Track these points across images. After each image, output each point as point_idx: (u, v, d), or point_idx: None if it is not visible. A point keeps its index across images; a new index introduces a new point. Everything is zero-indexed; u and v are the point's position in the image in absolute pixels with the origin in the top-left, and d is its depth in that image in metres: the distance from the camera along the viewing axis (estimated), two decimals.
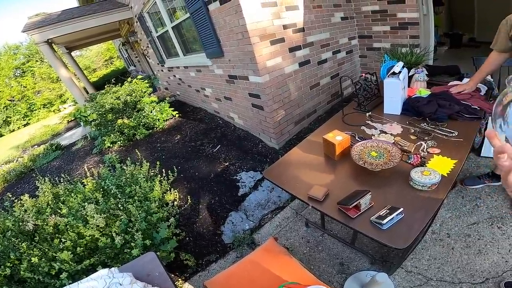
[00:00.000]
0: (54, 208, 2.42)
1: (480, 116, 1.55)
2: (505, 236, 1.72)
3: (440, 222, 1.92)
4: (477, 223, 1.84)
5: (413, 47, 2.48)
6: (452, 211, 1.98)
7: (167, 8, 4.35)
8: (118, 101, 4.69)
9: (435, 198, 1.10)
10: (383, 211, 1.05)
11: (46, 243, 1.96)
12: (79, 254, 1.89)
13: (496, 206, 1.92)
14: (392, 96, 1.75)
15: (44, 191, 2.68)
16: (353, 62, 3.86)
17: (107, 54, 21.09)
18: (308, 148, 1.69)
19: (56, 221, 2.11)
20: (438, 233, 1.86)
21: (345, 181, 1.34)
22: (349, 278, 1.73)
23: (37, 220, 2.16)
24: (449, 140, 1.42)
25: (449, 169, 1.22)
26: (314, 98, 3.44)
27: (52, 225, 2.10)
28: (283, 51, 2.89)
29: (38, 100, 16.80)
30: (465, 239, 1.77)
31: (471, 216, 1.90)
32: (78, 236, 2.00)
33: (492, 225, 1.81)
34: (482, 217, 1.88)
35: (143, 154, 4.16)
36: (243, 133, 3.79)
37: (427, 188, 1.14)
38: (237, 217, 2.50)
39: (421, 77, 1.95)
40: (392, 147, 1.39)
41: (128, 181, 2.81)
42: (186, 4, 3.32)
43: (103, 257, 1.92)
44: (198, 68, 4.18)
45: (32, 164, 5.75)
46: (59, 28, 5.57)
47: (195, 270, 2.14)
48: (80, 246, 1.91)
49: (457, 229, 1.85)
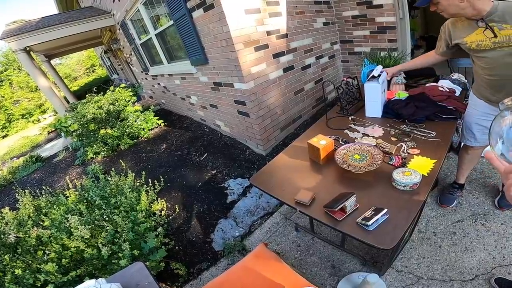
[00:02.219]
0: (36, 220, 2.37)
1: (456, 116, 1.63)
2: (490, 233, 1.77)
3: (425, 221, 1.97)
4: (461, 221, 1.90)
5: (391, 51, 2.58)
6: (437, 209, 2.04)
7: (150, 16, 4.34)
8: (101, 110, 4.60)
9: (417, 197, 1.15)
10: (368, 212, 1.08)
11: (30, 255, 1.92)
12: (65, 265, 1.86)
13: (478, 203, 1.99)
14: (372, 99, 1.81)
15: (25, 204, 2.62)
16: (336, 67, 3.95)
17: (89, 62, 20.68)
18: (293, 153, 1.71)
19: (39, 233, 2.06)
20: (424, 232, 1.90)
21: (330, 184, 1.37)
22: (342, 281, 1.74)
23: (19, 233, 2.11)
24: (427, 141, 1.49)
25: (429, 169, 1.27)
26: (299, 103, 3.50)
27: (35, 237, 2.05)
28: (267, 57, 2.93)
29: (17, 111, 16.25)
30: (451, 237, 1.82)
31: (455, 214, 1.96)
32: (63, 247, 1.96)
33: (475, 222, 1.86)
34: (466, 215, 1.94)
35: (128, 165, 4.10)
36: (230, 141, 3.80)
37: (408, 188, 1.18)
38: (226, 224, 2.49)
39: (399, 80, 2.03)
40: (374, 149, 1.44)
41: (113, 192, 2.76)
42: (169, 12, 3.32)
43: (90, 268, 1.89)
44: (183, 75, 4.17)
45: (11, 177, 5.60)
46: (38, 35, 5.43)
47: (187, 279, 2.12)
48: (65, 257, 1.87)
49: (443, 227, 1.90)
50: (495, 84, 1.39)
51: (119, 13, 5.48)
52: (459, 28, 1.42)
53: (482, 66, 1.39)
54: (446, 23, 1.51)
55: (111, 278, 1.42)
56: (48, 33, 5.51)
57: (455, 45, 1.48)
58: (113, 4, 5.64)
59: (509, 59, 1.24)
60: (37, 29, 5.42)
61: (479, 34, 1.29)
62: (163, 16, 4.02)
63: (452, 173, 2.28)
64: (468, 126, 1.69)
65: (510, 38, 1.18)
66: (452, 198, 2.02)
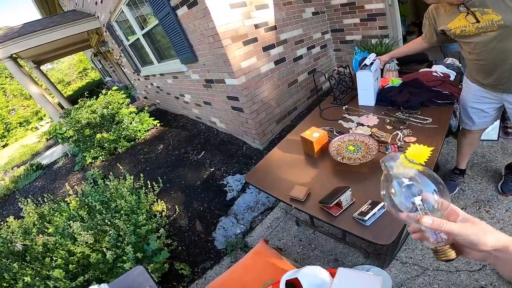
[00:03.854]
0: (40, 227, 2.40)
1: (452, 101, 1.60)
2: (495, 220, 1.71)
3: None
4: (465, 208, 1.83)
5: (383, 38, 2.54)
6: None
7: (135, 16, 4.26)
8: (94, 115, 4.57)
9: None
10: (365, 206, 1.06)
11: (38, 262, 1.95)
12: (72, 271, 1.88)
13: (481, 189, 1.93)
14: (365, 87, 1.78)
15: (29, 212, 2.66)
16: (328, 56, 3.90)
17: (80, 66, 20.44)
18: (287, 147, 1.69)
19: (45, 240, 2.09)
20: None
21: (325, 178, 1.35)
22: None
23: (25, 240, 2.15)
24: (424, 128, 1.46)
25: (426, 157, 1.24)
26: (293, 95, 3.46)
27: (41, 244, 2.08)
28: (257, 51, 2.88)
29: (13, 119, 16.16)
30: None
31: (458, 201, 1.90)
32: (69, 253, 1.99)
33: (479, 210, 1.81)
34: (469, 202, 1.88)
35: (127, 167, 4.10)
36: (226, 137, 3.78)
37: None
38: (227, 222, 2.49)
39: (392, 66, 1.99)
40: (369, 139, 1.41)
41: (113, 196, 2.76)
42: (153, 11, 3.26)
43: (97, 273, 1.91)
44: (174, 74, 4.12)
45: (14, 186, 5.67)
46: (22, 42, 5.31)
47: (192, 279, 2.13)
48: (72, 263, 1.90)
49: None
50: (484, 69, 1.36)
51: (103, 15, 5.39)
52: (442, 14, 1.38)
53: (470, 51, 1.36)
54: (429, 9, 1.47)
55: (114, 283, 1.43)
56: (33, 39, 5.39)
57: (442, 31, 1.45)
58: (96, 6, 5.55)
59: (495, 44, 1.20)
60: (21, 36, 5.30)
61: (461, 20, 1.25)
62: (148, 16, 3.96)
63: (453, 158, 2.23)
64: (465, 110, 1.67)
65: (493, 23, 1.13)
66: (454, 184, 1.97)
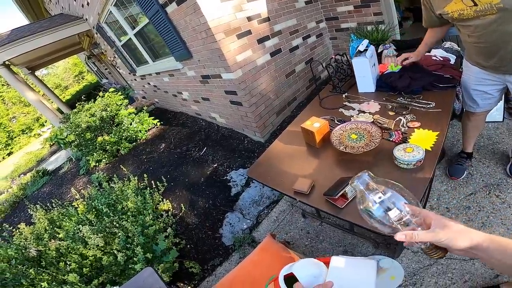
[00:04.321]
0: (51, 233, 2.42)
1: (454, 84, 1.56)
2: (506, 205, 1.65)
3: (436, 196, 1.88)
4: (474, 193, 1.79)
5: (378, 24, 2.48)
6: (447, 182, 1.92)
7: (124, 16, 4.20)
8: (94, 118, 4.56)
9: (422, 176, 1.09)
10: None
11: (53, 267, 1.98)
12: (87, 274, 1.91)
13: (489, 173, 1.87)
14: (363, 74, 1.75)
15: (39, 218, 2.69)
16: (325, 45, 3.84)
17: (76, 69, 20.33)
18: (288, 139, 1.67)
19: (57, 245, 2.12)
20: (437, 208, 1.81)
21: (329, 169, 1.33)
22: None
23: (39, 246, 2.17)
24: (427, 112, 1.42)
25: (432, 143, 1.21)
26: (292, 85, 3.42)
27: (54, 249, 2.11)
28: (251, 43, 2.83)
29: (15, 127, 16.22)
30: (466, 212, 1.71)
31: (467, 186, 1.85)
32: (82, 257, 2.02)
33: (489, 194, 1.75)
34: (478, 186, 1.82)
35: (130, 168, 4.10)
36: (227, 132, 3.75)
37: (412, 166, 1.12)
38: (233, 218, 2.49)
39: (390, 52, 1.96)
40: (371, 126, 1.38)
41: (119, 198, 2.77)
42: (142, 10, 3.21)
43: (110, 275, 1.94)
44: (170, 72, 4.08)
45: (22, 193, 5.77)
46: (13, 48, 5.22)
47: (202, 276, 2.14)
48: (85, 266, 1.93)
49: (456, 202, 1.80)
50: (485, 51, 1.31)
51: (91, 17, 5.33)
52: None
53: (469, 34, 1.30)
54: None
55: (125, 286, 1.44)
56: (23, 45, 5.31)
57: (440, 15, 1.39)
58: (83, 9, 5.49)
59: (495, 27, 1.15)
60: (11, 42, 5.23)
61: (458, 3, 1.20)
62: (138, 15, 3.89)
63: (458, 142, 2.18)
64: (468, 92, 1.62)
65: (492, 6, 1.08)
66: (462, 169, 1.92)
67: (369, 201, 0.61)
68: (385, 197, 0.60)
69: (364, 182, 0.63)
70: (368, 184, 0.62)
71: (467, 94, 1.63)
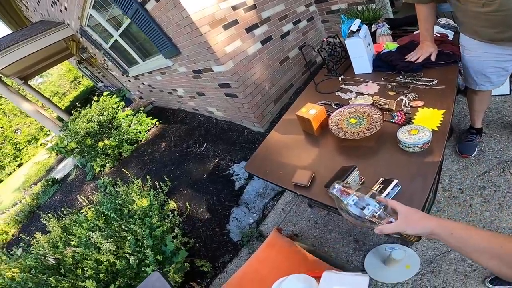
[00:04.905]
0: (66, 240, 2.44)
1: (456, 59, 1.47)
2: None
3: (448, 176, 1.78)
4: (488, 172, 1.69)
5: (368, 3, 2.39)
6: (458, 161, 1.83)
7: (106, 18, 4.08)
8: (92, 123, 4.52)
9: (431, 158, 1.02)
10: (376, 186, 0.98)
11: (72, 274, 2.00)
12: (103, 280, 1.92)
13: (501, 149, 1.76)
14: (358, 55, 1.67)
15: (52, 226, 2.71)
16: (317, 29, 3.71)
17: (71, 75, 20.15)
18: (285, 129, 1.61)
19: (72, 253, 2.14)
20: (450, 190, 1.72)
21: (329, 158, 1.27)
22: (368, 255, 1.66)
23: (56, 254, 2.19)
24: (430, 90, 1.34)
25: (438, 122, 1.14)
26: (287, 72, 3.33)
27: (70, 256, 2.12)
28: (240, 33, 2.73)
29: (21, 138, 16.34)
30: (481, 193, 1.62)
31: (480, 165, 1.75)
32: (97, 262, 2.03)
33: (504, 172, 1.64)
34: (491, 164, 1.71)
35: (134, 171, 4.09)
36: (226, 125, 3.69)
37: (419, 149, 1.05)
38: (239, 212, 2.46)
39: (384, 31, 1.87)
40: (371, 109, 1.31)
41: (125, 202, 2.76)
42: (122, 10, 3.11)
43: (125, 279, 1.95)
44: (162, 70, 3.99)
45: (36, 203, 5.89)
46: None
47: (214, 274, 2.14)
48: (101, 272, 1.94)
49: (469, 182, 1.70)
50: (504, 21, 1.15)
51: (73, 21, 5.21)
52: None
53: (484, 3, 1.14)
54: None
55: None
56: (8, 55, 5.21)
57: None
58: (62, 14, 5.37)
59: None
60: None
61: None
62: (119, 16, 3.77)
63: (465, 118, 2.07)
64: (479, 72, 1.48)
65: None
66: (472, 145, 1.81)
67: (345, 203, 0.74)
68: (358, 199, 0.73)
69: (339, 190, 0.77)
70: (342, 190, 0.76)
71: (479, 73, 1.49)
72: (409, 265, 1.54)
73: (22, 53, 5.36)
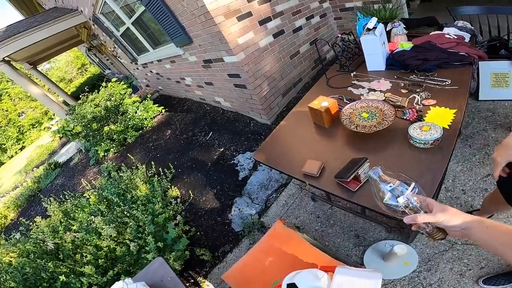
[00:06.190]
0: (66, 225, 2.45)
1: (471, 61, 1.46)
2: None
3: (451, 177, 1.80)
4: (491, 174, 1.68)
5: (385, 3, 2.37)
6: (462, 163, 1.85)
7: (120, 6, 4.07)
8: (99, 108, 4.55)
9: (441, 155, 1.03)
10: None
11: (70, 259, 2.01)
12: (102, 265, 1.93)
13: None
14: (372, 52, 1.67)
15: (53, 211, 2.72)
16: (329, 26, 3.69)
17: (78, 62, 20.19)
18: (295, 120, 1.62)
19: (72, 238, 2.15)
20: (452, 190, 1.74)
21: (340, 149, 1.27)
22: (368, 250, 1.68)
23: (55, 239, 2.20)
24: (443, 89, 1.34)
25: (449, 120, 1.15)
26: (297, 66, 3.32)
27: (70, 241, 2.13)
28: (253, 25, 2.73)
29: (25, 121, 16.40)
30: (483, 195, 1.63)
31: (483, 167, 1.76)
32: (96, 248, 2.04)
33: None
34: None
35: (138, 156, 4.11)
36: (233, 115, 3.69)
37: (429, 146, 1.06)
38: (242, 203, 2.47)
39: (399, 30, 1.86)
40: (383, 104, 1.31)
41: (128, 187, 2.78)
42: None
43: (125, 265, 1.96)
44: (171, 59, 3.99)
45: (37, 187, 5.84)
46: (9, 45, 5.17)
47: (214, 263, 2.15)
48: (101, 257, 1.95)
49: (472, 184, 1.72)
50: None
51: (86, 8, 5.19)
52: None
53: None
54: None
55: (137, 277, 1.45)
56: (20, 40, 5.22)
57: None
58: (76, 1, 5.36)
59: None
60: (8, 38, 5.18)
61: None
62: (134, 3, 3.75)
63: (473, 120, 2.08)
64: None
65: None
66: None
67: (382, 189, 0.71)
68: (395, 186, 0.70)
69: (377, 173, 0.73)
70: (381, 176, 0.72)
71: None
72: (407, 262, 1.55)
73: (34, 39, 5.38)
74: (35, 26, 5.37)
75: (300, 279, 0.86)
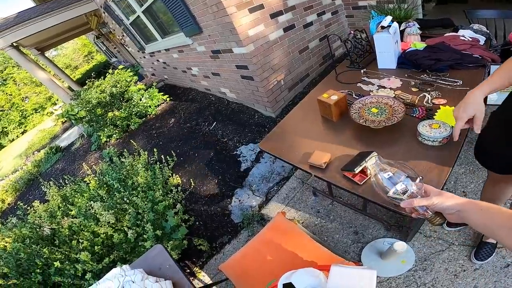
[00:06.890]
0: (64, 210, 2.44)
1: (484, 64, 1.45)
2: None
3: (454, 179, 1.80)
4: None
5: (400, 2, 2.35)
6: (465, 165, 1.84)
7: None
8: (104, 94, 4.54)
9: (449, 154, 1.02)
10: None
11: (66, 246, 2.00)
12: (98, 252, 1.92)
13: None
14: (384, 50, 1.65)
15: (52, 195, 2.71)
16: (340, 23, 3.66)
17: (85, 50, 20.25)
18: (303, 112, 1.61)
19: (70, 223, 2.14)
20: (453, 191, 1.73)
21: (347, 143, 1.27)
22: (366, 247, 1.68)
23: (52, 224, 2.19)
24: (454, 90, 1.33)
25: None
26: (305, 61, 3.30)
27: (67, 227, 2.12)
28: (264, 18, 2.71)
29: (28, 106, 16.44)
30: None
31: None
32: (93, 234, 2.03)
33: None
34: None
35: (140, 143, 4.11)
36: (237, 106, 3.68)
37: (438, 143, 1.06)
38: (243, 194, 2.47)
39: (413, 30, 1.85)
40: (393, 101, 1.30)
41: (129, 173, 2.77)
42: None
43: (121, 253, 1.95)
44: (180, 48, 3.97)
45: (37, 171, 5.83)
46: (20, 30, 5.21)
47: (211, 254, 2.15)
48: (97, 244, 1.94)
49: (473, 186, 1.72)
50: None
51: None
52: None
53: None
54: None
55: (135, 264, 1.43)
56: (30, 26, 5.26)
57: None
58: None
59: None
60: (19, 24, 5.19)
61: None
62: None
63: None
64: None
65: None
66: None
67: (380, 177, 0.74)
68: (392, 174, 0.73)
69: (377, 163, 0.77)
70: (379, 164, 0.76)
71: None
72: (404, 260, 1.56)
73: (44, 25, 5.41)
74: (46, 12, 5.37)
75: (297, 279, 0.86)
